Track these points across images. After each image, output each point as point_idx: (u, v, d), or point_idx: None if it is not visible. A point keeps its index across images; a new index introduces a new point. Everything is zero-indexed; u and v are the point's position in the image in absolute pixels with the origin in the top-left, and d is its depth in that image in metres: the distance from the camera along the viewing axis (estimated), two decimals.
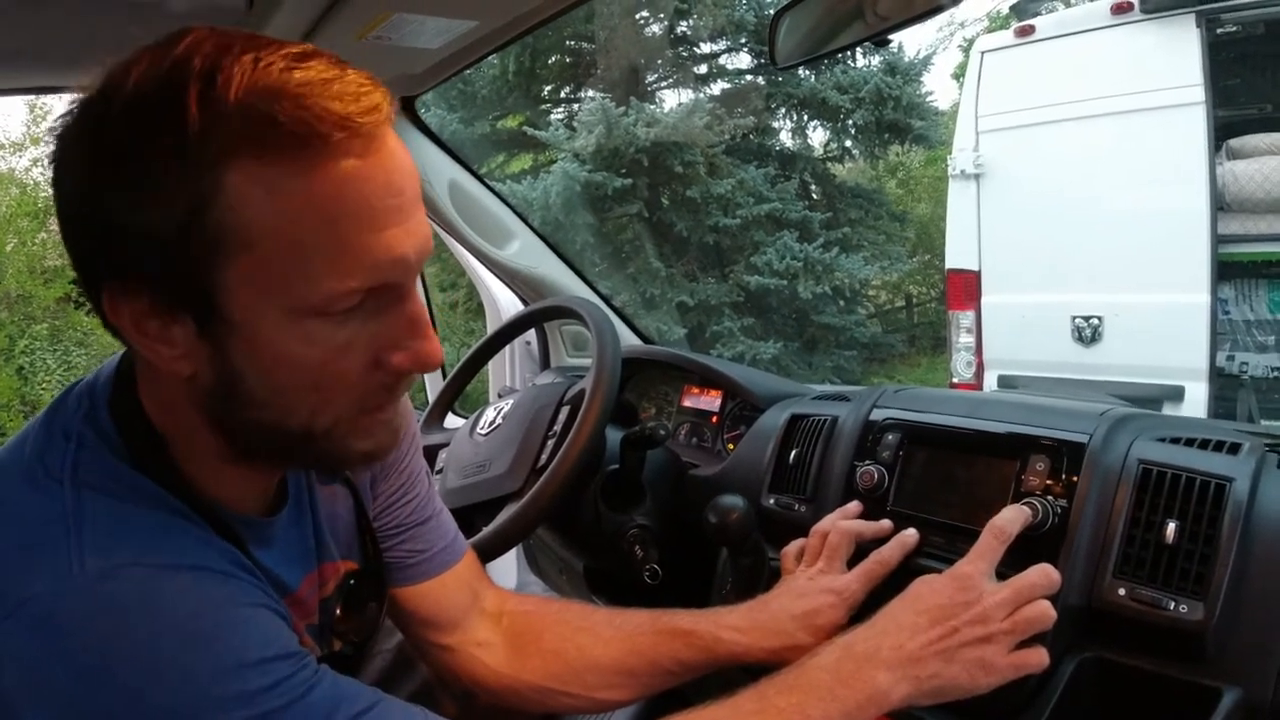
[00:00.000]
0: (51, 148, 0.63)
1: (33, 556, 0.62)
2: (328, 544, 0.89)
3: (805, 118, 10.02)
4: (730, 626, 0.99)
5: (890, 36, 1.10)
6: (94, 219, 0.61)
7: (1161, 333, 4.22)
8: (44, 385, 8.76)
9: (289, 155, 0.59)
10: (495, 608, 1.07)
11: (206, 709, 0.61)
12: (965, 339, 4.84)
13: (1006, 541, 0.95)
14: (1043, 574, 0.91)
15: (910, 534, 1.05)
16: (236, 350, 0.64)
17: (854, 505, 1.13)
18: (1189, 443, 1.04)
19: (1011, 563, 1.03)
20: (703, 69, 10.21)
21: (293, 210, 0.59)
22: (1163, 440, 1.05)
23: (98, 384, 0.73)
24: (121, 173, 0.59)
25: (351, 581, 0.93)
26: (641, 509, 1.38)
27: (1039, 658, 0.89)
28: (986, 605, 0.87)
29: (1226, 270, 4.36)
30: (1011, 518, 0.97)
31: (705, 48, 10.13)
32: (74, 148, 0.62)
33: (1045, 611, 0.89)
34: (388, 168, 0.63)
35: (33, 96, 8.89)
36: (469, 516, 1.31)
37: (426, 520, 1.03)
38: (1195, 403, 4.14)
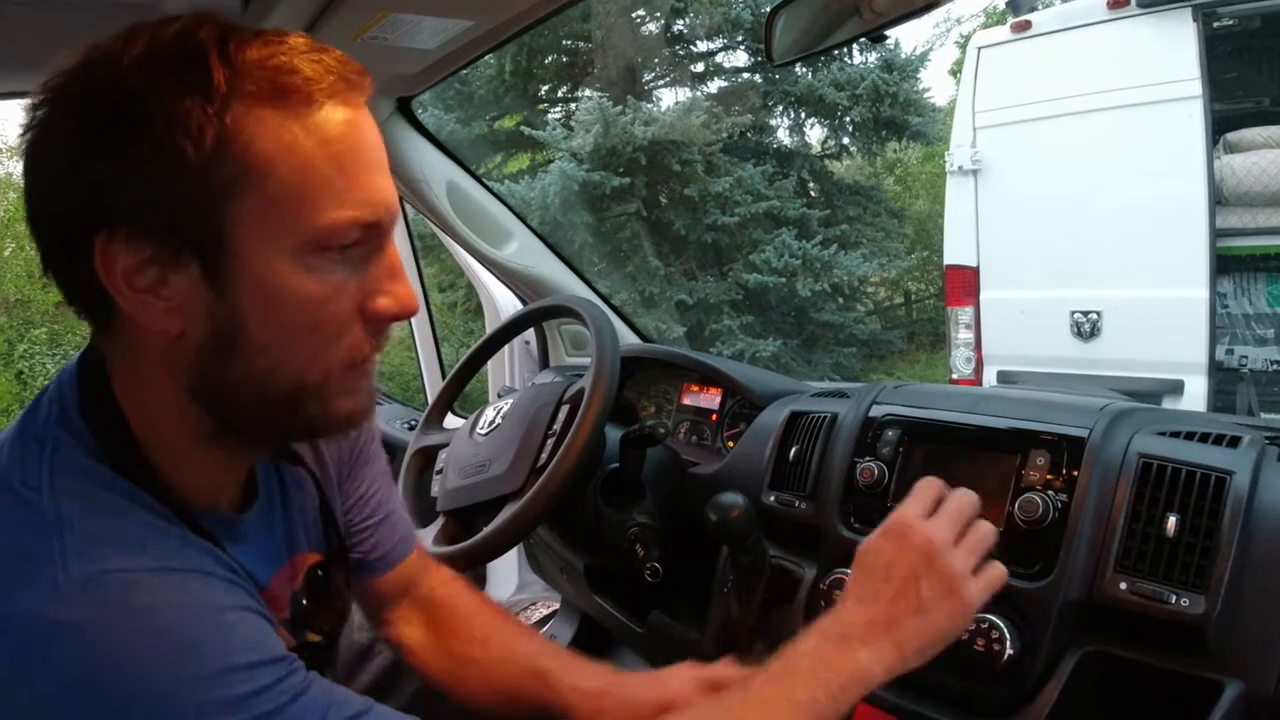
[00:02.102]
0: (31, 118, 0.65)
1: (17, 569, 0.62)
2: (298, 537, 0.91)
3: (803, 115, 10.02)
4: (578, 688, 1.04)
5: (886, 33, 1.10)
6: (97, 172, 0.63)
7: (1161, 327, 4.21)
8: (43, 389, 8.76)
9: (297, 102, 0.64)
10: (427, 593, 1.13)
11: (193, 715, 0.61)
12: (964, 335, 4.84)
13: (936, 487, 0.92)
14: (963, 494, 0.90)
15: None
16: (241, 289, 0.65)
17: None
18: (1189, 436, 1.04)
19: (1012, 557, 1.03)
20: (700, 67, 10.21)
21: (301, 149, 0.64)
22: (1163, 434, 1.05)
23: (64, 387, 0.72)
24: (145, 113, 0.61)
25: (319, 573, 0.94)
26: (641, 507, 1.38)
27: (1000, 572, 0.87)
28: (935, 543, 0.85)
29: (1225, 264, 4.35)
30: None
31: (702, 46, 10.12)
32: (72, 106, 0.64)
33: (987, 529, 0.88)
34: (372, 125, 0.70)
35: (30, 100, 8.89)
36: (469, 516, 1.31)
37: (388, 516, 1.07)
38: (1195, 397, 4.14)
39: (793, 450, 1.32)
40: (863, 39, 1.13)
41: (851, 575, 0.88)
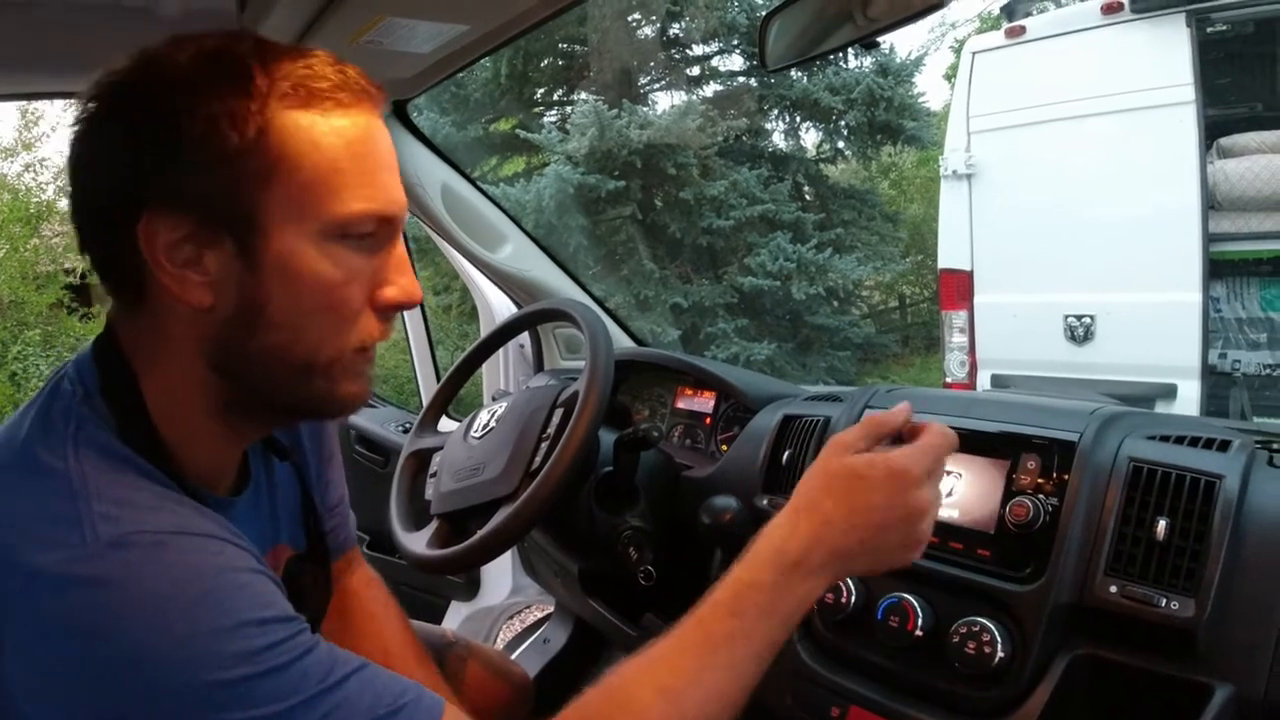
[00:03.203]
0: (83, 110, 0.73)
1: (45, 529, 0.66)
2: (279, 530, 0.98)
3: (798, 119, 10.03)
4: None
5: (880, 38, 1.11)
6: (148, 156, 0.70)
7: (1154, 331, 4.22)
8: (36, 391, 8.72)
9: (325, 106, 0.73)
10: (349, 586, 1.21)
11: (211, 665, 0.64)
12: (958, 339, 4.84)
13: (951, 438, 0.89)
14: (945, 437, 0.88)
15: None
16: (268, 267, 0.73)
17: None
18: (1179, 440, 1.04)
19: (1004, 560, 1.04)
20: (695, 71, 10.22)
21: (327, 145, 0.73)
22: (1153, 438, 1.05)
23: (82, 371, 0.78)
24: (194, 107, 0.70)
25: (296, 565, 0.99)
26: (635, 511, 1.38)
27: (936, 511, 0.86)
28: (919, 506, 0.83)
29: (1218, 268, 4.37)
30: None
31: (697, 50, 10.13)
32: (128, 100, 0.72)
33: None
34: (385, 131, 0.79)
35: (24, 102, 8.87)
36: (463, 520, 1.31)
37: (343, 507, 1.19)
38: (1188, 400, 4.15)
39: (786, 454, 1.33)
40: (856, 45, 1.13)
41: (834, 482, 0.85)
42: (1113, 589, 0.95)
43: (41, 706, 0.65)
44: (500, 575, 2.43)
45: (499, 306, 2.25)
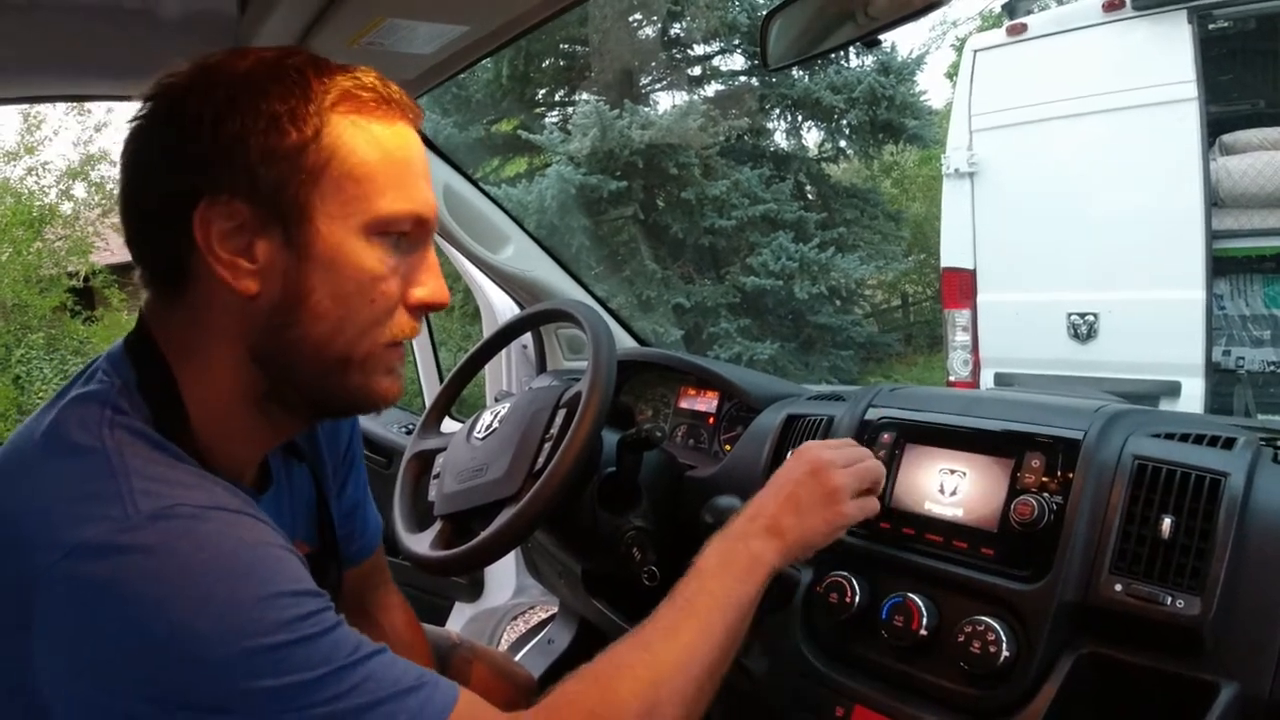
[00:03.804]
0: (143, 108, 0.79)
1: (87, 506, 0.68)
2: (297, 526, 1.01)
3: (799, 118, 10.04)
4: None
5: (881, 37, 1.11)
6: (214, 146, 0.75)
7: (1157, 329, 4.22)
8: (40, 394, 8.75)
9: (375, 114, 0.80)
10: (371, 611, 1.25)
11: (250, 631, 0.66)
12: (961, 337, 4.84)
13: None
14: (863, 450, 1.11)
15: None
16: (314, 257, 0.77)
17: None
18: (1183, 438, 1.04)
19: (1008, 559, 1.04)
20: (696, 71, 10.23)
21: (376, 148, 0.79)
22: (1157, 436, 1.05)
23: (116, 364, 0.81)
24: (257, 106, 0.75)
25: (310, 564, 0.98)
26: (639, 511, 1.38)
27: (874, 503, 1.06)
28: (823, 460, 1.04)
29: (1221, 265, 4.36)
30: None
31: (699, 49, 10.14)
32: (191, 98, 0.77)
33: (876, 466, 1.08)
34: (421, 145, 0.85)
35: (27, 106, 8.89)
36: (466, 521, 1.31)
37: (365, 512, 1.22)
38: (1192, 398, 4.14)
39: (789, 453, 1.32)
40: (857, 43, 1.13)
41: (765, 488, 1.05)
42: (1118, 587, 0.95)
43: (66, 688, 0.66)
44: (504, 576, 2.43)
45: (501, 307, 2.24)
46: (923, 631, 1.06)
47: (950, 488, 1.12)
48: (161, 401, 0.78)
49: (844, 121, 9.71)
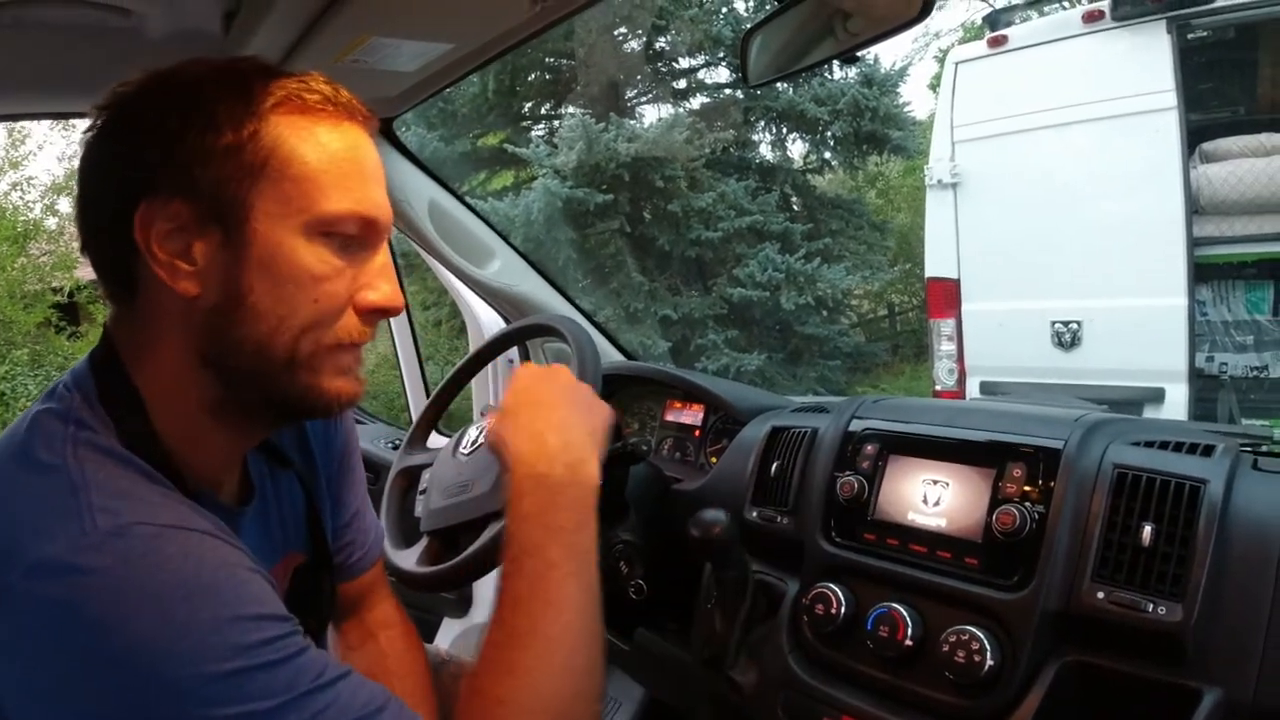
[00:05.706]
0: (97, 117, 0.79)
1: (46, 523, 0.67)
2: (288, 537, 1.00)
3: (784, 130, 10.08)
4: None
5: (860, 53, 1.12)
6: (154, 146, 0.76)
7: (1141, 336, 4.25)
8: (24, 410, 8.67)
9: (320, 116, 0.79)
10: (370, 627, 1.20)
11: (208, 657, 0.65)
12: (947, 347, 4.86)
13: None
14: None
15: None
16: (253, 258, 0.77)
17: None
18: (1163, 446, 1.05)
19: (991, 568, 1.04)
20: (682, 84, 10.27)
21: (318, 149, 0.78)
22: (1137, 444, 1.06)
23: (80, 380, 0.80)
24: (196, 109, 0.76)
25: (302, 573, 1.01)
26: (625, 525, 1.38)
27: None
28: (524, 386, 1.07)
29: (1203, 272, 4.40)
30: None
31: (684, 63, 10.18)
32: (140, 104, 0.78)
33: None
34: (374, 150, 0.85)
35: (11, 123, 8.84)
36: (453, 536, 1.31)
37: (363, 522, 1.19)
38: (1176, 404, 4.17)
39: (774, 465, 1.33)
40: (838, 59, 1.14)
41: (505, 423, 1.03)
42: (1100, 595, 0.95)
43: (26, 706, 0.66)
44: (492, 592, 2.42)
45: (487, 322, 2.24)
46: (908, 642, 1.06)
47: (934, 498, 1.13)
48: (123, 414, 0.77)
49: (828, 133, 9.74)
